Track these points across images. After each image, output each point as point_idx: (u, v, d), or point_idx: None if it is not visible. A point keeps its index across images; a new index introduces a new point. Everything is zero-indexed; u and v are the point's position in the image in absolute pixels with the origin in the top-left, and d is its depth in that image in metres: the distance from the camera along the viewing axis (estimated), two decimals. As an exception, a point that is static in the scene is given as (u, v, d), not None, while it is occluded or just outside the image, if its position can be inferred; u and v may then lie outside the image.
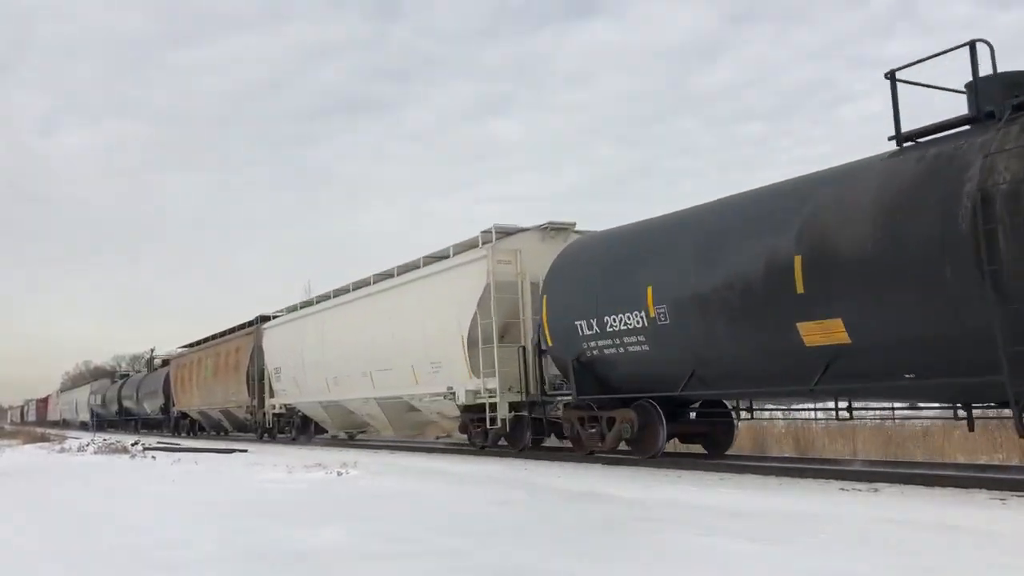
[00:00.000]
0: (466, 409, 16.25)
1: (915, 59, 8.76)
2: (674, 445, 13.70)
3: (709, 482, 9.64)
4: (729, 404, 12.87)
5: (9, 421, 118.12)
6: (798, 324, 9.46)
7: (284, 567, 4.91)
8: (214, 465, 15.00)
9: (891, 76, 8.78)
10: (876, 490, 8.46)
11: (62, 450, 22.07)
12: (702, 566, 4.68)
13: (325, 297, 22.52)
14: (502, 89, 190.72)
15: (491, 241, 15.44)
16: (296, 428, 24.80)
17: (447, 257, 17.00)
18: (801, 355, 9.55)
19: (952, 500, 7.49)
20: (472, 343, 15.42)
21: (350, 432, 23.97)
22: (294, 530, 6.26)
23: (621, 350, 12.06)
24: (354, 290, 20.80)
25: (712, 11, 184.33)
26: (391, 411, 19.47)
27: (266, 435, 26.94)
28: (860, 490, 8.49)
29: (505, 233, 15.61)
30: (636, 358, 11.86)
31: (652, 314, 11.37)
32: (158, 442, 26.39)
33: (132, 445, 21.73)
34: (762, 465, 11.28)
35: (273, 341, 25.40)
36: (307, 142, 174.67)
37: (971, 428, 9.27)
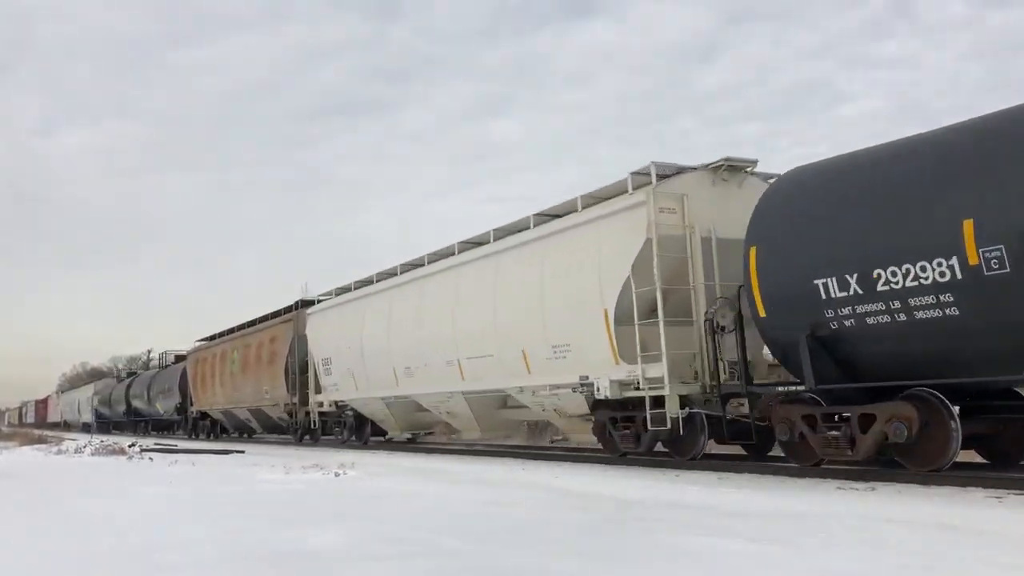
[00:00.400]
0: (601, 405, 12.54)
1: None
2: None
3: (708, 482, 9.41)
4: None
5: (7, 423, 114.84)
6: None
7: (282, 568, 4.77)
8: (211, 467, 14.55)
9: None
10: (873, 489, 8.22)
11: (59, 452, 21.51)
12: (702, 567, 4.57)
13: (390, 273, 18.70)
14: (502, 89, 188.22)
15: (650, 183, 11.72)
16: (348, 429, 20.88)
17: (574, 211, 13.29)
18: None
19: (949, 499, 7.31)
20: (621, 319, 11.70)
21: (414, 433, 20.20)
22: (292, 531, 6.14)
23: (901, 317, 8.36)
24: (431, 263, 17.06)
25: (710, 11, 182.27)
26: (482, 408, 15.73)
27: (307, 437, 23.09)
28: (858, 489, 8.25)
29: (664, 175, 11.91)
30: (930, 328, 8.16)
31: (974, 261, 7.66)
32: (155, 443, 25.25)
33: (129, 447, 21.21)
34: (760, 464, 10.66)
35: (321, 328, 21.53)
36: (307, 143, 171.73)
37: None
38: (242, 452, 19.93)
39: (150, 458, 17.56)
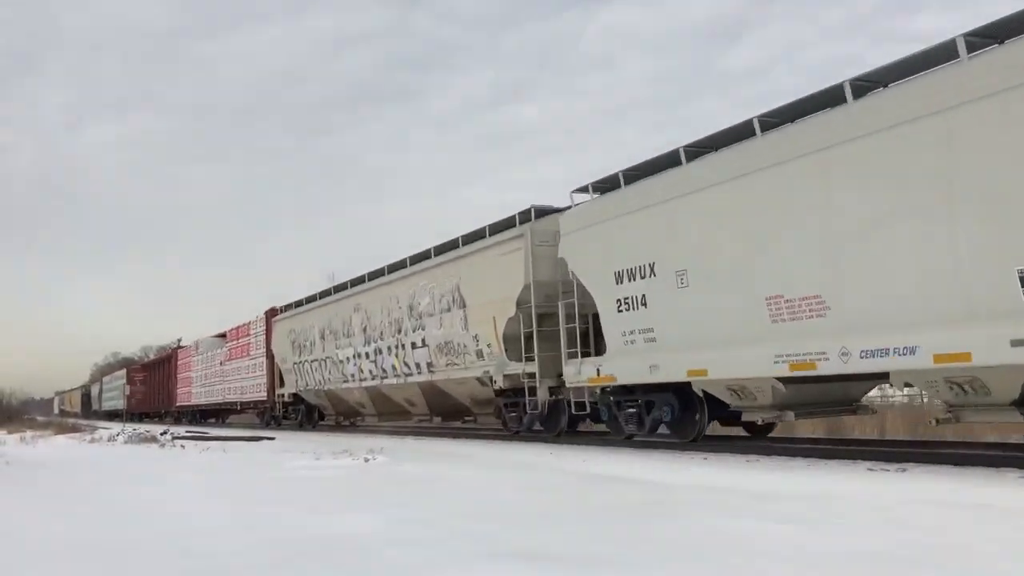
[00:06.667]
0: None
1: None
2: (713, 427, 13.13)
3: (736, 464, 9.47)
4: None
5: (57, 411, 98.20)
6: None
7: (317, 554, 4.79)
8: (242, 453, 14.80)
9: None
10: (904, 470, 8.22)
11: (92, 440, 22.36)
12: (732, 549, 4.58)
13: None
14: (525, 74, 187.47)
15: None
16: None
17: None
18: None
19: (982, 480, 7.28)
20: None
21: None
22: (324, 517, 6.20)
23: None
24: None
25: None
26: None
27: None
28: (888, 471, 8.23)
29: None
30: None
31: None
32: (187, 431, 25.82)
33: (161, 434, 21.99)
34: (789, 447, 10.86)
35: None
36: (332, 131, 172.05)
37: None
38: (272, 439, 20.22)
39: (182, 446, 17.93)
